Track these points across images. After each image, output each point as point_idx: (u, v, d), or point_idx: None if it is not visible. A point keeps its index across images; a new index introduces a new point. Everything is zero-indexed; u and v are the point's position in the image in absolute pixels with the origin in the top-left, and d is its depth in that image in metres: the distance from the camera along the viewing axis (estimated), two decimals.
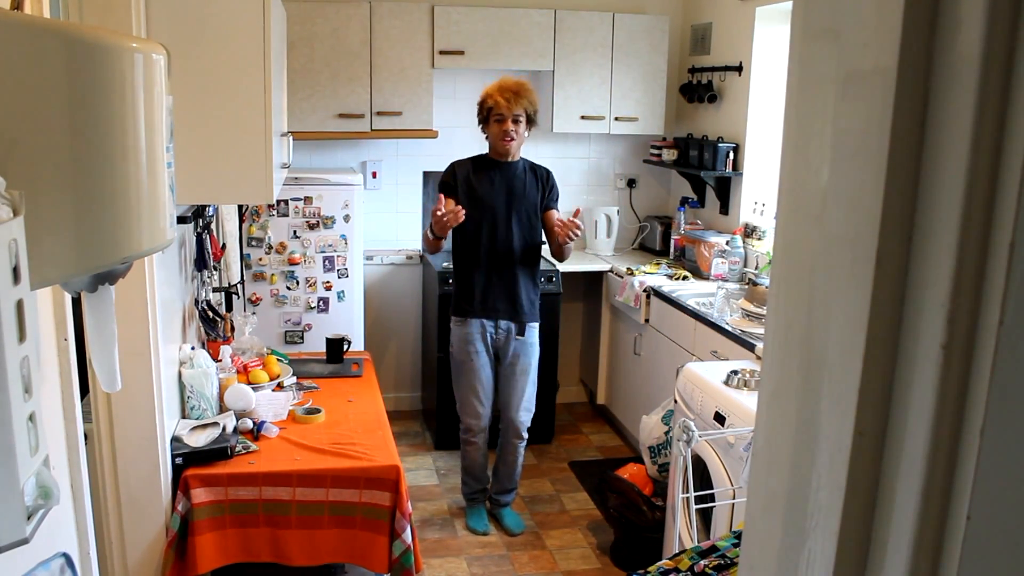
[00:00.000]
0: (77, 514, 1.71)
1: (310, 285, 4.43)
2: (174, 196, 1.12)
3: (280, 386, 3.25)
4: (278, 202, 4.30)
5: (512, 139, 3.60)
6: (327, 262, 4.43)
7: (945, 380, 0.53)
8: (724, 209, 4.71)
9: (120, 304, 1.66)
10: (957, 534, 0.54)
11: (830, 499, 0.61)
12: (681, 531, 2.87)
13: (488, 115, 3.61)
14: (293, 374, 3.36)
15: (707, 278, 4.36)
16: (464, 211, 3.46)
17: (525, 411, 3.81)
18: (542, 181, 3.72)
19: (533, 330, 3.76)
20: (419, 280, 5.08)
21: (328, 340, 3.72)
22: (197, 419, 2.86)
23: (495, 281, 3.66)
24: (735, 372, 2.98)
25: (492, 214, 3.63)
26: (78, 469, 1.69)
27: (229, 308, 3.72)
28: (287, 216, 4.36)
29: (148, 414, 2.47)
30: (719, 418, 2.85)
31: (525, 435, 3.85)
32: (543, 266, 4.58)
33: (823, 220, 0.62)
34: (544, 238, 3.77)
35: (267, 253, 4.37)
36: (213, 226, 3.40)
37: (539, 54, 4.69)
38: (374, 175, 4.94)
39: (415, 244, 5.07)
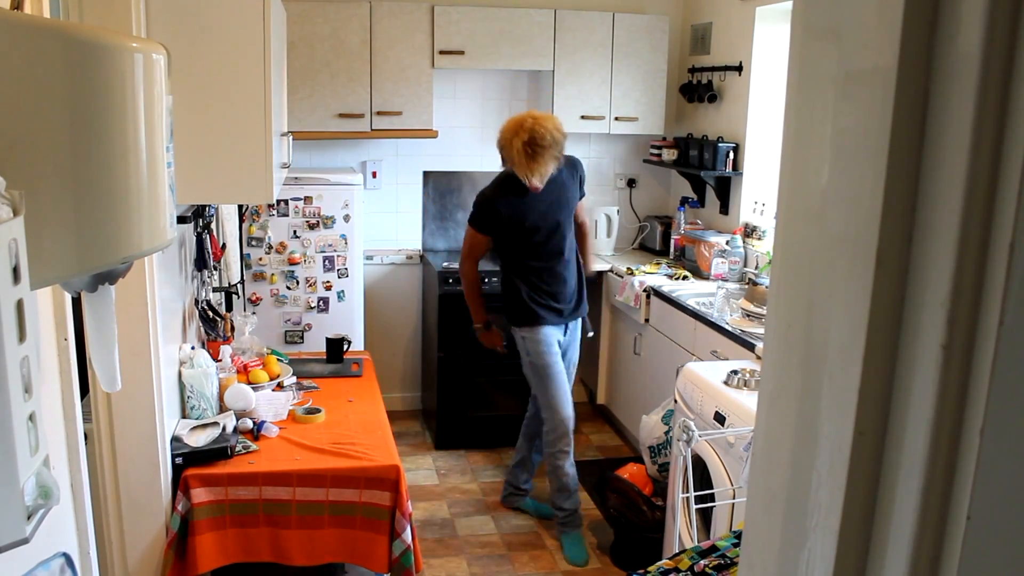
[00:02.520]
0: (77, 514, 1.71)
1: (310, 285, 4.43)
2: (174, 196, 1.12)
3: (280, 386, 3.25)
4: (278, 202, 4.30)
5: (540, 188, 3.53)
6: (327, 262, 4.43)
7: (945, 380, 0.53)
8: (724, 209, 4.71)
9: (120, 304, 1.66)
10: (957, 534, 0.54)
11: (830, 499, 0.61)
12: (681, 531, 2.87)
13: (512, 164, 3.49)
14: (293, 374, 3.36)
15: (707, 278, 4.36)
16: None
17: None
18: (578, 175, 3.74)
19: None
20: (419, 280, 5.08)
21: (328, 340, 3.72)
22: (197, 419, 2.86)
23: (559, 288, 3.69)
24: (735, 372, 2.98)
25: (544, 232, 3.61)
26: (78, 469, 1.69)
27: (229, 308, 3.72)
28: (287, 216, 4.36)
29: (148, 414, 2.47)
30: (719, 418, 2.85)
31: None
32: None
33: (823, 220, 0.62)
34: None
35: (267, 253, 4.37)
36: (213, 226, 3.40)
37: (539, 54, 4.69)
38: (374, 175, 4.94)
39: (415, 244, 5.07)
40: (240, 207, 4.11)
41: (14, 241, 0.75)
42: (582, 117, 4.80)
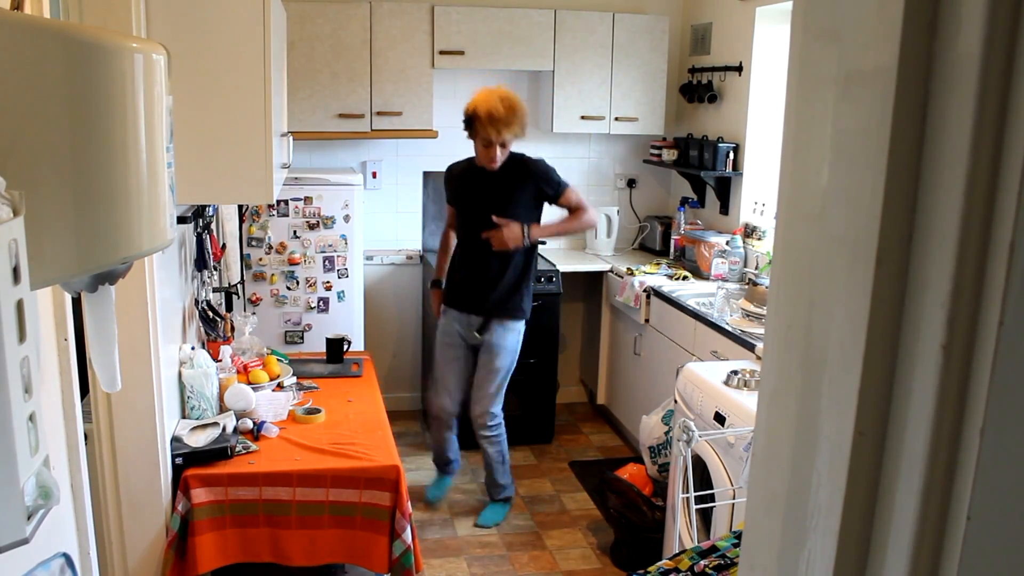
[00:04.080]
0: (77, 514, 1.70)
1: (310, 285, 4.43)
2: (174, 196, 1.12)
3: (280, 386, 3.25)
4: (278, 202, 4.30)
5: (498, 162, 3.65)
6: (327, 262, 4.43)
7: (945, 380, 0.53)
8: (724, 209, 4.71)
9: (120, 304, 1.66)
10: (957, 534, 0.54)
11: (830, 499, 0.61)
12: (681, 531, 2.87)
13: (476, 133, 3.64)
14: (293, 374, 3.36)
15: (707, 278, 4.36)
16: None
17: (479, 402, 3.88)
18: (526, 175, 3.71)
19: (508, 328, 3.79)
20: (419, 280, 5.08)
21: (328, 340, 3.72)
22: (197, 419, 2.86)
23: (473, 279, 3.76)
24: (735, 372, 2.98)
25: (473, 217, 3.74)
26: (78, 469, 1.69)
27: (229, 308, 3.72)
28: (287, 216, 4.36)
29: (148, 414, 2.47)
30: (719, 418, 2.85)
31: (489, 423, 3.89)
32: (543, 266, 4.60)
33: (823, 220, 0.62)
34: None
35: (267, 253, 4.37)
36: (213, 226, 3.40)
37: (539, 54, 4.69)
38: (374, 175, 4.94)
39: (415, 244, 5.07)
40: (240, 207, 4.10)
41: (14, 241, 0.75)
42: (582, 117, 4.80)
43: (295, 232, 4.38)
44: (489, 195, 3.71)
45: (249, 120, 2.47)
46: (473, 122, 3.62)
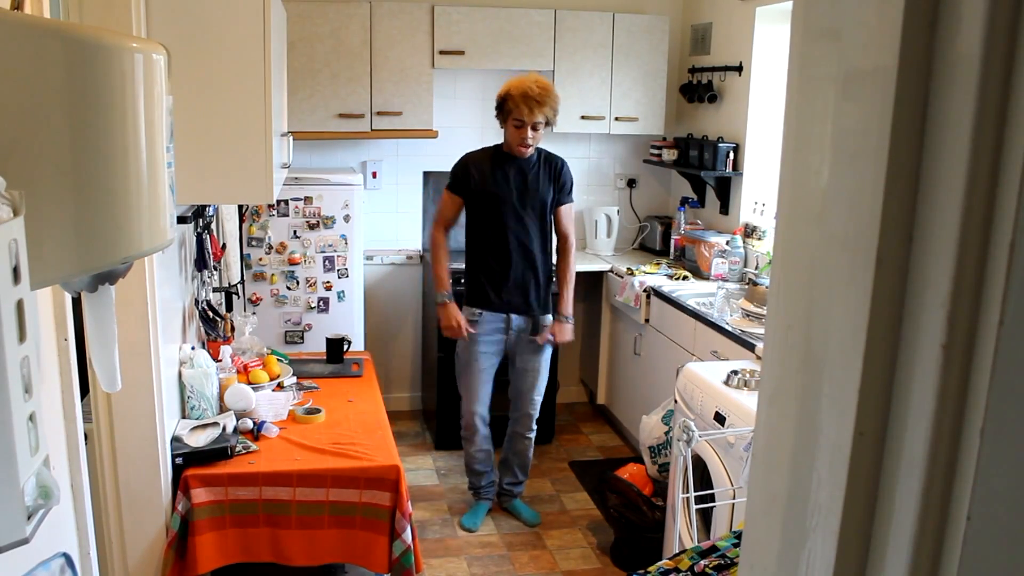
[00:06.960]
0: (77, 514, 1.71)
1: (310, 285, 4.43)
2: (174, 196, 1.11)
3: (280, 386, 3.25)
4: (278, 202, 4.30)
5: (529, 146, 3.60)
6: (327, 262, 4.43)
7: (945, 380, 0.53)
8: (724, 209, 4.71)
9: (120, 304, 1.66)
10: (957, 534, 0.54)
11: (830, 499, 0.61)
12: (681, 531, 2.87)
13: (507, 115, 3.57)
14: (293, 374, 3.36)
15: (707, 278, 4.36)
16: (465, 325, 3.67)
17: (531, 406, 3.90)
18: (555, 174, 3.69)
19: (549, 323, 3.79)
20: (419, 280, 5.08)
21: (328, 340, 3.72)
22: (197, 419, 2.86)
23: (510, 278, 3.68)
24: (735, 372, 2.98)
25: (506, 209, 3.64)
26: (78, 469, 1.69)
27: (229, 308, 3.72)
28: (287, 216, 4.36)
29: (148, 414, 2.47)
30: (719, 418, 2.85)
31: (535, 425, 3.94)
32: None
33: (823, 220, 0.62)
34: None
35: (267, 253, 4.37)
36: (213, 226, 3.40)
37: (539, 54, 4.69)
38: (374, 175, 4.94)
39: (415, 244, 5.07)
40: (240, 207, 4.11)
41: (14, 241, 0.75)
42: (582, 117, 4.80)
43: (295, 232, 4.38)
44: (524, 188, 3.64)
45: (249, 120, 2.47)
46: (505, 102, 3.55)
